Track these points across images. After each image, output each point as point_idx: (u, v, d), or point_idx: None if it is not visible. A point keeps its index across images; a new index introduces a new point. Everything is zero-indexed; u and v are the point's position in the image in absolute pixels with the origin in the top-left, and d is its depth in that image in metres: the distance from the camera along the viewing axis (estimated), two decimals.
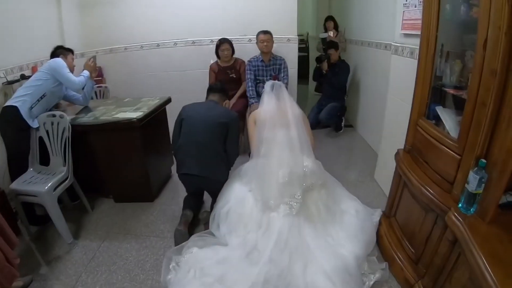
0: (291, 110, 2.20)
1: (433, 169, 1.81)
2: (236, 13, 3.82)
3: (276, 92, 2.24)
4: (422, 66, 1.97)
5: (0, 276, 1.63)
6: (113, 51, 4.11)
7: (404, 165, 2.05)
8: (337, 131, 4.20)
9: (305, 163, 2.17)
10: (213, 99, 2.52)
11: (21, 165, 2.41)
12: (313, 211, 2.12)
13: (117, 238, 2.43)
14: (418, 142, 2.03)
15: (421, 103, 2.01)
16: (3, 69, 2.68)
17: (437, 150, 1.76)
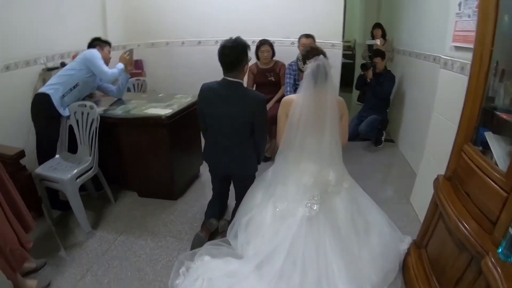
0: (330, 111, 1.93)
1: (475, 203, 1.61)
2: (280, 15, 3.75)
3: (319, 85, 1.91)
4: (472, 84, 1.76)
5: (11, 258, 1.68)
6: (155, 45, 4.21)
7: (442, 193, 1.85)
8: (377, 145, 3.98)
9: (331, 177, 2.02)
10: (230, 78, 2.13)
11: (49, 151, 2.51)
12: (334, 217, 1.96)
13: (133, 233, 2.45)
14: (461, 169, 1.83)
15: (469, 126, 1.80)
16: (44, 56, 2.84)
17: (481, 182, 1.56)
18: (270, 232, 1.98)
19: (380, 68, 3.83)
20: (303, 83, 1.98)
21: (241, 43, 2.11)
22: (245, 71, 2.16)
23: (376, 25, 4.39)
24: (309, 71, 1.93)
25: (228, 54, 2.07)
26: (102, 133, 2.53)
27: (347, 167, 3.30)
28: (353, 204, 2.07)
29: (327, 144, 1.97)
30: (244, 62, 2.12)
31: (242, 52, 2.10)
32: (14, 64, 2.71)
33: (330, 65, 1.86)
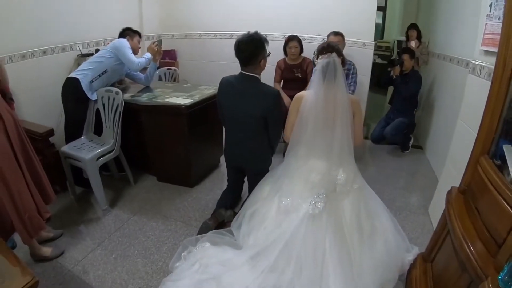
0: (341, 108, 1.87)
1: (483, 221, 1.45)
2: (312, 11, 3.63)
3: (327, 83, 1.86)
4: (494, 91, 1.57)
5: (29, 224, 1.79)
6: (188, 37, 4.27)
7: (452, 207, 1.68)
8: (403, 151, 3.73)
9: (339, 176, 1.93)
10: (247, 72, 2.10)
11: (76, 131, 2.65)
12: (339, 217, 1.88)
13: (147, 215, 2.52)
14: (475, 183, 1.65)
15: (487, 136, 1.61)
16: (80, 43, 3.00)
17: (493, 200, 1.39)
18: (272, 225, 1.95)
19: (407, 67, 3.56)
20: (313, 79, 1.93)
21: (257, 38, 2.06)
22: (261, 66, 2.11)
23: (412, 26, 4.07)
24: (319, 67, 1.88)
25: (243, 49, 2.05)
26: (126, 118, 2.62)
27: (369, 170, 3.28)
28: (361, 206, 1.97)
29: (337, 141, 1.90)
30: (259, 57, 2.06)
31: (257, 47, 2.05)
32: (51, 49, 2.90)
33: (355, 65, 1.75)
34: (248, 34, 2.07)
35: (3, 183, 1.68)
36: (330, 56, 1.86)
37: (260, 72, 2.14)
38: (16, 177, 1.76)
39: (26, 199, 1.79)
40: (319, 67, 1.87)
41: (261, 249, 1.85)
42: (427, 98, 3.84)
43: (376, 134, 3.69)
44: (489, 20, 1.92)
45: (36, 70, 2.78)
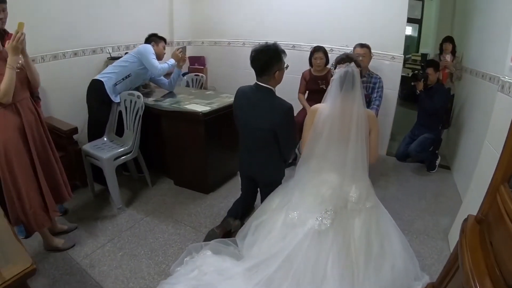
0: (356, 121, 1.77)
1: (496, 258, 1.28)
2: (340, 22, 3.53)
3: (345, 91, 1.78)
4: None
5: (32, 219, 1.86)
6: (218, 44, 4.30)
7: (465, 238, 1.52)
8: (429, 170, 3.45)
9: (352, 193, 1.83)
10: (261, 83, 2.03)
11: (98, 132, 2.73)
12: (347, 236, 1.77)
13: (159, 217, 2.54)
14: (492, 214, 1.48)
15: (509, 163, 1.44)
16: (110, 46, 3.12)
17: (508, 235, 1.24)
18: (277, 238, 1.87)
19: (432, 80, 3.30)
20: (330, 90, 1.85)
21: (273, 48, 1.99)
22: (276, 78, 2.03)
23: (447, 38, 3.77)
24: (337, 77, 1.80)
25: (257, 58, 1.98)
26: (147, 122, 2.68)
27: (391, 188, 3.11)
28: (371, 227, 1.84)
29: (351, 156, 1.80)
30: (274, 68, 1.99)
31: (272, 58, 1.98)
32: (81, 51, 3.02)
33: (381, 79, 1.61)
34: (264, 44, 2.01)
35: (11, 177, 1.77)
36: (349, 66, 1.78)
37: (276, 84, 2.07)
38: (26, 174, 1.82)
39: (33, 195, 1.85)
40: (337, 76, 1.80)
41: (260, 261, 1.78)
42: (458, 115, 3.56)
43: (401, 151, 3.46)
44: None
45: (66, 71, 2.91)
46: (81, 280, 1.93)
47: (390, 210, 2.68)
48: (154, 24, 3.49)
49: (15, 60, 1.69)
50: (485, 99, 2.74)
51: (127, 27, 3.37)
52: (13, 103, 1.75)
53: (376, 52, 3.23)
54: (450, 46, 3.66)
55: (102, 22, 3.17)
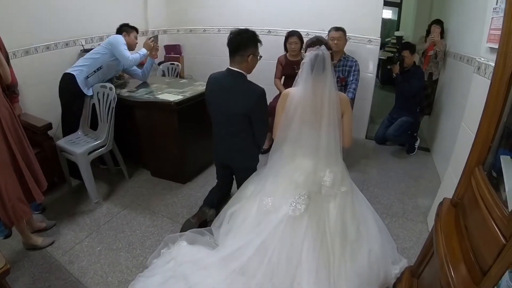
0: (328, 104, 1.68)
1: (470, 242, 1.20)
2: (316, 6, 3.37)
3: (316, 75, 1.68)
4: (493, 94, 1.30)
5: (11, 212, 1.79)
6: (193, 32, 4.11)
7: (440, 222, 1.43)
8: (409, 153, 3.37)
9: (326, 178, 1.73)
10: (233, 67, 1.97)
11: (72, 126, 2.58)
12: (322, 222, 1.70)
13: (136, 210, 2.43)
14: (467, 197, 1.39)
15: (483, 145, 1.35)
16: (83, 38, 2.93)
17: (481, 219, 1.15)
18: (251, 226, 1.79)
19: (408, 63, 3.20)
20: (301, 74, 1.74)
21: (251, 32, 1.94)
22: (249, 63, 1.94)
23: (436, 21, 3.51)
24: (307, 60, 1.70)
25: (234, 39, 1.92)
26: (122, 114, 2.54)
27: (370, 172, 3.01)
28: (347, 211, 1.76)
29: (324, 140, 1.71)
30: (249, 50, 1.92)
31: (248, 40, 1.92)
32: (54, 45, 2.84)
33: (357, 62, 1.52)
34: (242, 28, 1.95)
35: None
36: (319, 49, 1.67)
37: (248, 70, 1.99)
38: (5, 168, 1.76)
39: (12, 188, 1.78)
40: (307, 59, 1.69)
41: (235, 249, 1.70)
42: (438, 98, 3.45)
43: (380, 135, 3.37)
44: (495, 14, 1.62)
45: (39, 65, 2.73)
46: (61, 277, 1.86)
47: (369, 194, 2.66)
48: (128, 13, 3.30)
49: None
50: (463, 81, 2.63)
51: (100, 17, 3.17)
52: None
53: (353, 35, 3.12)
54: (439, 29, 3.40)
55: (74, 14, 2.97)
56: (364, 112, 3.49)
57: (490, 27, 1.65)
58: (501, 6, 1.49)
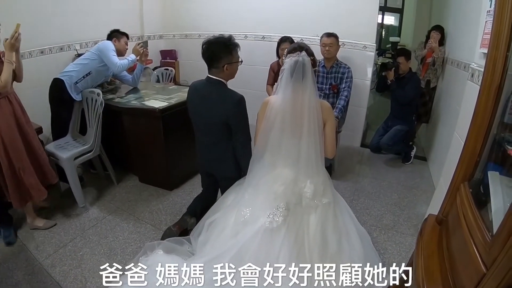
0: (308, 112, 1.58)
1: (451, 266, 1.05)
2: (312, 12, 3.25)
3: (295, 82, 1.58)
4: (481, 103, 1.16)
5: (26, 193, 2.00)
6: (189, 37, 4.03)
7: (421, 241, 1.28)
8: (404, 162, 3.18)
9: (307, 189, 1.62)
10: (212, 75, 1.84)
11: (61, 131, 2.51)
12: (301, 235, 1.59)
13: (121, 215, 2.34)
14: (451, 216, 1.24)
15: (470, 159, 1.20)
16: (78, 42, 2.88)
17: (463, 241, 1.01)
18: (229, 236, 1.68)
19: (404, 70, 3.01)
20: (281, 81, 1.62)
21: (223, 40, 1.77)
22: (226, 72, 1.80)
23: (436, 27, 3.32)
24: (287, 67, 1.58)
25: (206, 50, 1.78)
26: (110, 119, 2.47)
27: (362, 182, 2.85)
28: (328, 224, 1.64)
29: (304, 150, 1.60)
30: (222, 61, 1.77)
31: (221, 50, 1.76)
32: (48, 49, 2.78)
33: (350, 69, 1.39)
34: (217, 36, 1.80)
35: (7, 159, 1.89)
36: (299, 55, 1.56)
37: (228, 78, 1.85)
38: (21, 153, 1.96)
39: (28, 173, 1.97)
40: (287, 66, 1.58)
41: (209, 259, 1.58)
42: (436, 106, 3.28)
43: (375, 143, 3.17)
44: (489, 17, 1.47)
45: (33, 70, 2.64)
46: (42, 280, 1.81)
47: (359, 204, 2.51)
48: (124, 18, 3.25)
49: (11, 55, 1.85)
50: (459, 88, 2.45)
51: (95, 22, 3.11)
52: (6, 95, 1.92)
53: (348, 41, 2.98)
54: (439, 35, 3.20)
55: (69, 18, 2.91)
56: (359, 119, 3.34)
57: (483, 31, 1.50)
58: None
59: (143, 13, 3.70)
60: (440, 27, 3.27)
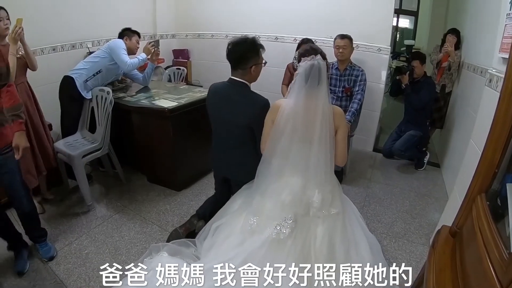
0: (321, 118, 1.53)
1: (464, 282, 0.99)
2: (326, 13, 3.17)
3: (310, 87, 1.52)
4: (501, 111, 1.10)
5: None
6: (201, 37, 4.00)
7: (434, 255, 1.21)
8: (417, 168, 3.08)
9: (315, 198, 1.56)
10: (235, 77, 1.80)
11: (71, 128, 2.52)
12: (307, 247, 1.54)
13: (127, 215, 2.33)
14: (466, 228, 1.18)
15: (488, 170, 1.13)
16: (90, 40, 2.89)
17: (478, 258, 0.95)
18: (234, 244, 1.62)
19: (418, 74, 2.92)
20: (294, 85, 1.57)
21: (250, 41, 1.75)
22: (253, 74, 1.77)
23: (452, 30, 3.20)
24: (301, 71, 1.53)
25: (234, 51, 1.73)
26: (120, 118, 2.47)
27: (373, 187, 2.78)
28: (336, 235, 1.57)
29: (315, 157, 1.55)
30: (251, 61, 1.73)
31: (249, 50, 1.73)
32: (60, 47, 2.78)
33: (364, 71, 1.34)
34: (242, 36, 1.76)
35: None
36: (314, 59, 1.51)
37: (251, 80, 1.82)
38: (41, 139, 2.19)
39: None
40: (301, 70, 1.52)
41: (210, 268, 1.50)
42: (451, 112, 3.17)
43: (387, 148, 3.10)
44: (509, 21, 1.40)
45: (45, 67, 2.63)
46: (46, 277, 1.81)
47: (370, 211, 2.44)
48: (137, 17, 3.24)
49: (15, 48, 2.01)
50: (476, 94, 2.36)
51: (108, 20, 3.10)
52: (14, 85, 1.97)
53: (362, 43, 2.91)
54: (455, 39, 3.09)
55: (83, 16, 2.92)
56: (372, 124, 3.25)
57: (503, 35, 1.43)
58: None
59: (156, 12, 3.69)
60: (456, 30, 3.15)
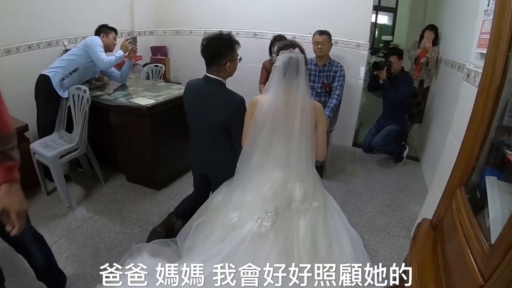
0: (301, 112, 1.51)
1: (446, 275, 0.99)
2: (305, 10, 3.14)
3: (289, 78, 1.50)
4: (479, 105, 1.10)
5: None
6: (179, 33, 3.90)
7: (415, 248, 1.21)
8: (396, 162, 3.11)
9: (296, 192, 1.55)
10: (210, 75, 1.75)
11: (47, 128, 2.41)
12: (289, 240, 1.52)
13: (107, 216, 2.24)
14: (447, 221, 1.18)
15: (467, 163, 1.13)
16: (66, 38, 2.77)
17: (459, 251, 0.94)
18: (216, 241, 1.59)
19: (396, 69, 2.94)
20: (273, 78, 1.55)
21: (225, 37, 1.70)
22: (227, 70, 1.72)
23: (430, 27, 3.24)
24: (280, 63, 1.51)
25: (208, 47, 1.69)
26: (97, 117, 2.38)
27: (354, 182, 2.77)
28: (318, 228, 1.57)
29: (295, 151, 1.54)
30: (226, 57, 1.69)
31: (225, 46, 1.68)
32: (36, 45, 2.67)
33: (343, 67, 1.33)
34: (217, 33, 1.71)
35: None
36: (292, 52, 1.49)
37: (227, 77, 1.77)
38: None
39: None
40: (280, 63, 1.50)
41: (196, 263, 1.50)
42: (429, 106, 3.22)
43: (367, 143, 3.12)
44: (486, 17, 1.41)
45: (20, 65, 2.57)
46: (27, 282, 1.73)
47: (351, 205, 2.43)
48: (114, 13, 3.12)
49: None
50: (454, 89, 2.39)
51: (84, 17, 2.97)
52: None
53: (341, 39, 2.90)
54: (432, 35, 3.12)
55: (58, 13, 2.79)
56: (351, 119, 3.26)
57: (481, 31, 1.44)
58: (493, 8, 1.27)
59: (133, 8, 3.57)
60: (434, 27, 3.20)
